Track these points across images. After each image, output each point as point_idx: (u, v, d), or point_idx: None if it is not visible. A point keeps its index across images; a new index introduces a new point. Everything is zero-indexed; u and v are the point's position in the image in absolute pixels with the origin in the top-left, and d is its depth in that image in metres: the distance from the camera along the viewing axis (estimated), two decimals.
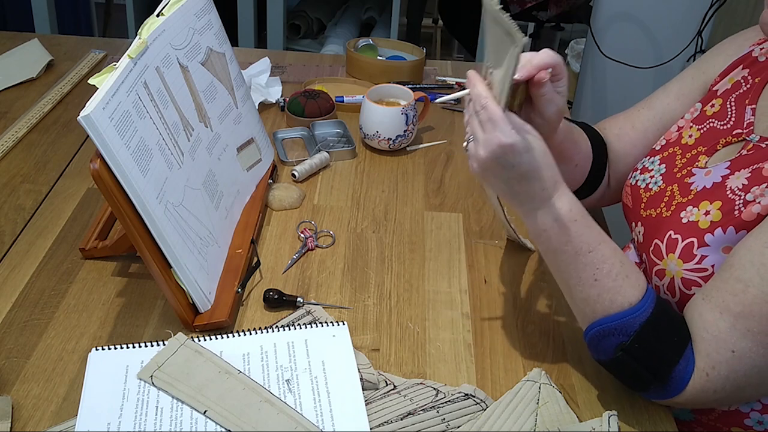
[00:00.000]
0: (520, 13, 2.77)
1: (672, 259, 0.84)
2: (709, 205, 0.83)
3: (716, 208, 0.82)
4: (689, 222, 0.84)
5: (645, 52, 1.93)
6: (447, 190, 1.19)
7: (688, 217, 0.85)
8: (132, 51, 0.83)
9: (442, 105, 1.45)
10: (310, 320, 0.90)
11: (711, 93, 0.95)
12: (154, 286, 0.94)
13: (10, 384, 0.81)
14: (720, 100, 0.93)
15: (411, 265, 1.02)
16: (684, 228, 0.85)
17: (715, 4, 1.76)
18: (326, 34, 2.54)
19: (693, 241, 0.83)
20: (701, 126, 0.94)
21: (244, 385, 0.78)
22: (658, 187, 0.93)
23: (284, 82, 1.49)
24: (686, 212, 0.86)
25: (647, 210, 0.93)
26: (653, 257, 0.87)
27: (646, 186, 0.95)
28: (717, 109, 0.93)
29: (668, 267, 0.85)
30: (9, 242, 1.02)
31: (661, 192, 0.92)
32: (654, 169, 0.96)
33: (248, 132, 1.12)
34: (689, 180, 0.89)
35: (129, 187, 0.78)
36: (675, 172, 0.92)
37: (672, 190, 0.91)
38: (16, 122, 1.29)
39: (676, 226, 0.86)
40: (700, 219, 0.83)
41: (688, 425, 0.92)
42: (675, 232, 0.85)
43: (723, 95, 0.93)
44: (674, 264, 0.84)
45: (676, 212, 0.87)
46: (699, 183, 0.87)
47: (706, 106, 0.94)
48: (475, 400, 0.80)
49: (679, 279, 0.83)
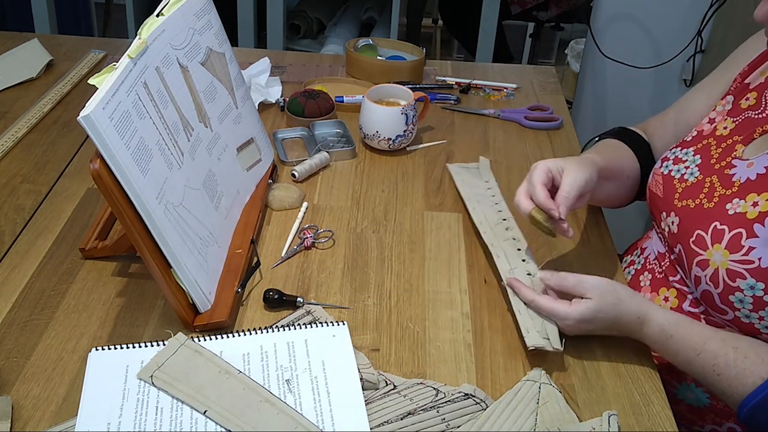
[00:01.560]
0: (520, 13, 2.77)
1: (718, 250, 0.86)
2: (756, 196, 0.85)
3: (764, 199, 0.84)
4: (736, 213, 0.86)
5: (645, 52, 1.93)
6: (447, 190, 1.19)
7: (735, 209, 0.86)
8: (132, 51, 0.83)
9: (443, 106, 1.45)
10: (310, 320, 0.90)
11: (744, 86, 0.96)
12: (154, 286, 0.94)
13: (10, 384, 0.81)
14: (755, 93, 0.94)
15: (411, 265, 1.02)
16: (731, 219, 0.86)
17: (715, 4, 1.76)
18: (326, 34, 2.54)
19: (741, 231, 0.84)
20: (736, 118, 0.94)
21: (244, 385, 0.78)
22: (695, 178, 0.94)
23: (284, 82, 1.49)
24: (732, 204, 0.87)
25: (683, 200, 0.94)
26: (695, 247, 0.89)
27: (681, 177, 0.96)
28: (752, 102, 0.93)
29: (713, 257, 0.86)
30: (9, 242, 1.02)
31: (699, 183, 0.93)
32: (688, 159, 0.96)
33: (248, 132, 1.12)
34: (730, 171, 0.90)
35: (129, 187, 0.78)
36: (712, 164, 0.93)
37: (711, 181, 0.92)
38: (15, 122, 1.29)
39: (721, 218, 0.87)
40: (747, 210, 0.85)
41: (701, 412, 0.93)
42: (721, 223, 0.86)
43: (758, 88, 0.94)
44: (720, 254, 0.85)
45: (721, 204, 0.88)
46: (742, 175, 0.88)
47: (741, 100, 0.95)
48: (475, 400, 0.80)
49: (723, 270, 0.85)
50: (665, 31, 1.90)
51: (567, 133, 1.38)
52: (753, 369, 0.81)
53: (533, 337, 0.85)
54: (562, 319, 0.85)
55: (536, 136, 1.36)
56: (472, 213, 1.08)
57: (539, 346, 0.84)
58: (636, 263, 1.05)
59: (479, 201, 1.11)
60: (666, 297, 0.96)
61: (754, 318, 0.84)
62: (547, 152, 1.31)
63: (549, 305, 0.86)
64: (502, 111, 1.42)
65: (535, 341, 0.84)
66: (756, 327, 0.85)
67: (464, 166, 1.23)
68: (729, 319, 0.87)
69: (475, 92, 1.51)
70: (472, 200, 1.11)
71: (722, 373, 0.82)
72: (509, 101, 1.49)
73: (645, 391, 0.84)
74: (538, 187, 0.91)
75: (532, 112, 1.42)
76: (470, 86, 1.52)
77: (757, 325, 0.85)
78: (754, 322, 0.85)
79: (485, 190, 1.14)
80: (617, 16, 1.94)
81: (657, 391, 0.84)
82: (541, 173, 0.93)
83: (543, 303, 0.87)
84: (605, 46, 1.94)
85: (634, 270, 1.04)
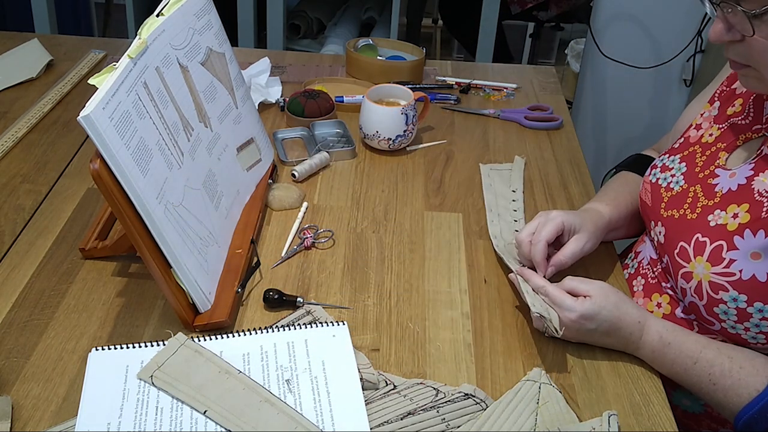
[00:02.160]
0: (520, 13, 2.77)
1: (700, 262, 0.85)
2: (737, 207, 0.84)
3: (744, 210, 0.83)
4: (717, 225, 0.85)
5: (645, 52, 1.93)
6: (447, 190, 1.19)
7: (716, 221, 0.85)
8: (132, 51, 0.83)
9: (443, 106, 1.45)
10: (310, 320, 0.90)
11: (730, 92, 0.95)
12: (154, 286, 0.94)
13: (10, 384, 0.81)
14: (741, 99, 0.93)
15: (411, 265, 1.02)
16: (712, 231, 0.85)
17: None
18: (326, 34, 2.54)
19: (722, 244, 0.84)
20: (721, 125, 0.94)
21: (244, 385, 0.78)
22: (680, 187, 0.93)
23: (284, 82, 1.49)
24: (714, 216, 0.86)
25: (668, 210, 0.93)
26: (679, 259, 0.88)
27: (667, 185, 0.95)
28: (738, 108, 0.93)
29: (695, 270, 0.85)
30: (9, 242, 1.02)
31: (684, 192, 0.92)
32: (675, 167, 0.96)
33: (248, 132, 1.12)
34: (713, 181, 0.89)
35: (129, 187, 0.78)
36: (696, 172, 0.92)
37: (695, 191, 0.91)
38: (15, 122, 1.29)
39: (703, 229, 0.86)
40: (728, 222, 0.84)
41: (696, 418, 0.93)
42: (703, 235, 0.86)
43: (744, 95, 0.93)
44: (702, 267, 0.85)
45: (703, 215, 0.87)
46: (724, 185, 0.87)
47: (728, 106, 0.94)
48: (475, 400, 0.80)
49: (706, 282, 0.84)
50: (665, 31, 1.90)
51: (567, 133, 1.38)
52: (748, 380, 0.81)
53: (539, 308, 0.87)
54: (567, 310, 0.85)
55: (536, 136, 1.36)
56: (490, 225, 1.09)
57: (543, 314, 0.86)
58: (630, 267, 1.04)
59: (500, 215, 1.12)
60: (659, 303, 0.95)
61: (740, 329, 0.84)
62: (547, 152, 1.31)
63: (558, 294, 0.87)
64: (502, 111, 1.42)
65: (540, 310, 0.86)
66: (743, 338, 0.85)
67: (496, 167, 1.23)
68: (717, 329, 0.87)
69: (475, 92, 1.51)
70: (493, 211, 1.12)
71: (718, 382, 0.82)
72: (509, 101, 1.49)
73: (645, 391, 0.85)
74: (541, 243, 0.93)
75: (532, 112, 1.42)
76: (470, 86, 1.52)
77: (744, 336, 0.84)
78: (740, 333, 0.84)
79: (509, 203, 1.15)
80: (617, 16, 1.95)
81: (657, 391, 0.84)
82: (552, 229, 0.94)
83: (552, 291, 0.87)
84: (605, 46, 1.94)
85: (628, 274, 1.04)
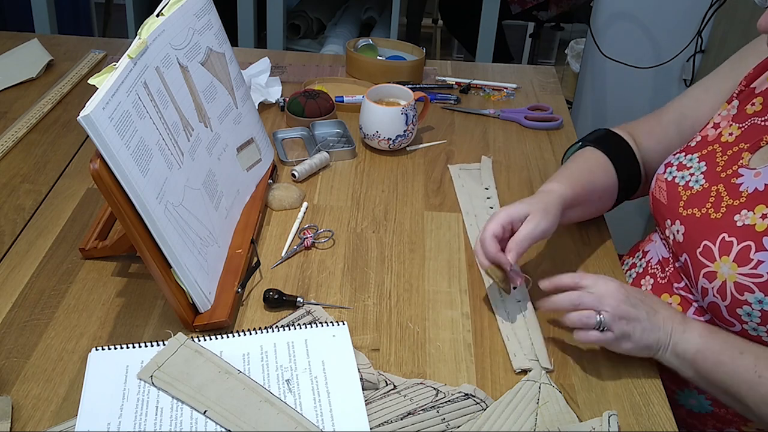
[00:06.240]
0: (520, 13, 2.77)
1: (726, 262, 0.84)
2: (765, 208, 0.83)
3: None
4: (745, 225, 0.84)
5: (645, 52, 1.93)
6: (447, 190, 1.19)
7: (743, 221, 0.84)
8: (132, 51, 0.83)
9: (443, 106, 1.45)
10: (310, 320, 0.90)
11: (749, 91, 0.94)
12: (154, 286, 0.94)
13: (10, 384, 0.81)
14: (761, 98, 0.92)
15: (411, 265, 1.02)
16: (739, 231, 0.84)
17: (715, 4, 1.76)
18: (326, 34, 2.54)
19: (750, 244, 0.82)
20: (742, 124, 0.92)
21: (244, 385, 0.78)
22: (700, 185, 0.92)
23: (284, 82, 1.49)
24: (741, 215, 0.85)
25: (688, 209, 0.92)
26: (702, 258, 0.87)
27: (685, 184, 0.94)
28: (758, 108, 0.91)
29: (720, 270, 0.84)
30: (9, 242, 1.02)
31: (705, 191, 0.91)
32: (693, 166, 0.94)
33: (248, 132, 1.12)
34: (736, 181, 0.88)
35: (129, 187, 0.78)
36: (718, 171, 0.91)
37: (718, 190, 0.90)
38: (15, 122, 1.29)
39: (729, 229, 0.85)
40: (756, 222, 0.83)
41: (702, 417, 0.92)
42: (729, 235, 0.85)
43: (764, 93, 0.92)
44: (728, 267, 0.84)
45: (729, 214, 0.86)
46: (749, 185, 0.86)
47: (747, 105, 0.93)
48: (475, 400, 0.80)
49: (731, 283, 0.83)
50: (665, 31, 1.90)
51: (567, 133, 1.38)
52: None
53: (520, 360, 0.86)
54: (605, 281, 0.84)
55: (536, 136, 1.36)
56: (469, 230, 1.09)
57: (526, 368, 0.85)
58: (637, 266, 1.03)
59: (476, 215, 1.11)
60: (669, 303, 0.94)
61: (762, 331, 0.83)
62: (547, 152, 1.31)
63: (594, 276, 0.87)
64: (502, 111, 1.42)
65: (522, 363, 0.85)
66: (764, 340, 0.83)
67: (465, 167, 1.23)
68: (736, 331, 0.85)
69: (475, 92, 1.51)
70: (470, 214, 1.12)
71: (763, 374, 0.79)
72: (509, 101, 1.49)
73: (645, 391, 0.84)
74: (488, 240, 0.90)
75: (532, 112, 1.42)
76: (470, 86, 1.52)
77: (765, 338, 0.83)
78: (762, 335, 0.83)
79: (484, 201, 1.14)
80: (617, 16, 1.94)
81: (657, 391, 0.84)
82: (497, 225, 0.90)
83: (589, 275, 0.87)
84: (605, 46, 1.94)
85: (636, 273, 1.03)
